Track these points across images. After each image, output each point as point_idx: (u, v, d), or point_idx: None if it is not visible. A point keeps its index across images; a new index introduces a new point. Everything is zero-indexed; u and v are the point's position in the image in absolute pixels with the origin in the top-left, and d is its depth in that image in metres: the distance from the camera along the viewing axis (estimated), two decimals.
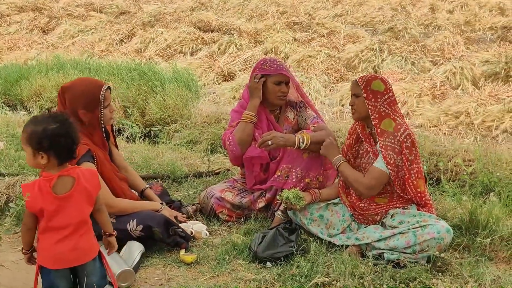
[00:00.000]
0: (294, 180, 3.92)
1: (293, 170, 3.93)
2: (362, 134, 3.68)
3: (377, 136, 3.54)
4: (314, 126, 4.06)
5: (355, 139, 3.78)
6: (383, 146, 3.50)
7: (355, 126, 3.78)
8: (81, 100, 3.51)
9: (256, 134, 4.07)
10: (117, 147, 4.05)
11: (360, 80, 3.60)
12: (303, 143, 3.85)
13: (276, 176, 4.00)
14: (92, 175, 2.75)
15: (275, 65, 4.06)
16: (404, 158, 3.47)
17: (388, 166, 3.48)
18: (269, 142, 3.81)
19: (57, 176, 2.60)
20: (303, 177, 3.92)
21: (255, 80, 4.04)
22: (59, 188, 2.62)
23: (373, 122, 3.55)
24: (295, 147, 3.86)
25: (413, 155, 3.49)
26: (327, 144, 3.75)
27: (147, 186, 4.08)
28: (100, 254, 2.84)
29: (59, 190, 2.62)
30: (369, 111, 3.54)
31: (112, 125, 3.92)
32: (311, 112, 4.21)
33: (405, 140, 3.47)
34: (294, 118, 4.23)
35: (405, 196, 3.58)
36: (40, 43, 12.82)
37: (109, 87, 3.63)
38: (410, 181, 3.51)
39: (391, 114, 3.53)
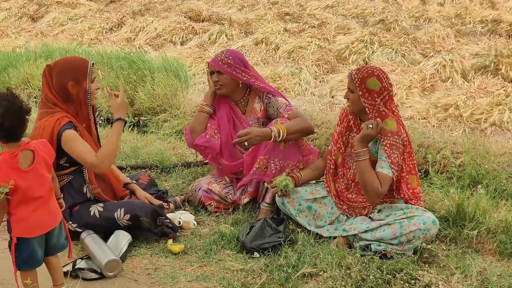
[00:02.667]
0: (273, 171, 3.91)
1: (271, 161, 3.91)
2: (354, 125, 3.63)
3: (379, 135, 3.47)
4: (288, 114, 4.03)
5: (346, 127, 3.72)
6: (388, 145, 3.45)
7: (346, 113, 3.71)
8: (69, 73, 3.56)
9: (209, 124, 4.21)
10: (99, 142, 4.00)
11: (355, 75, 3.49)
12: (279, 136, 3.82)
13: (255, 169, 3.97)
14: (45, 145, 2.82)
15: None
16: (404, 158, 3.47)
17: (392, 166, 3.45)
18: (245, 144, 3.78)
19: (19, 151, 2.64)
20: (282, 167, 3.90)
21: None
22: (23, 162, 2.66)
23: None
24: (271, 140, 3.83)
25: (407, 152, 3.49)
26: (366, 135, 3.43)
27: (133, 181, 4.06)
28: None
29: (24, 164, 2.66)
30: (366, 109, 3.48)
31: (96, 128, 3.90)
32: (282, 100, 4.17)
33: (404, 140, 3.47)
34: (261, 110, 4.21)
35: (398, 196, 3.57)
36: (29, 31, 12.71)
37: (93, 64, 3.67)
38: (404, 180, 3.50)
39: (390, 114, 3.49)
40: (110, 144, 3.52)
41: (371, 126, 3.41)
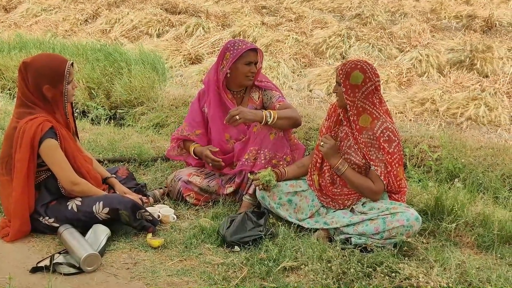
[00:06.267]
0: (262, 161, 3.91)
1: (261, 152, 3.91)
2: (344, 118, 3.63)
3: (356, 133, 3.53)
4: (279, 104, 4.06)
5: (335, 121, 3.73)
6: (363, 143, 3.50)
7: (335, 108, 3.73)
8: (45, 76, 3.46)
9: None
10: (77, 135, 3.96)
11: (341, 71, 3.51)
12: (270, 117, 3.83)
13: (244, 160, 3.97)
14: None
15: (248, 44, 4.07)
16: (384, 153, 3.48)
17: (372, 163, 3.49)
18: (237, 117, 3.77)
19: None
20: (270, 158, 3.92)
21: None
22: None
23: (351, 119, 3.52)
24: (263, 122, 3.84)
25: (392, 146, 3.48)
26: (332, 146, 3.60)
27: (112, 175, 4.02)
28: None
29: None
30: (348, 106, 3.51)
31: (74, 121, 3.85)
32: (275, 92, 4.20)
33: (382, 134, 3.46)
34: (258, 98, 4.21)
35: (387, 188, 3.59)
36: (2, 22, 12.47)
37: (72, 63, 3.58)
38: (392, 173, 3.51)
39: (368, 108, 3.50)
40: (93, 193, 3.60)
41: (322, 143, 3.60)
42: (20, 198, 3.44)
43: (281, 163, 3.94)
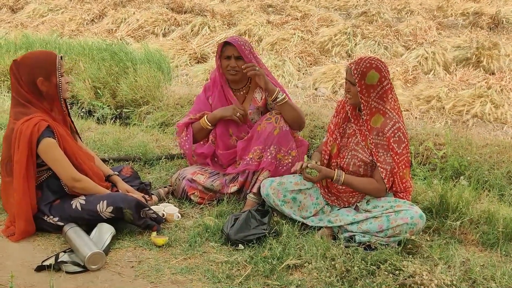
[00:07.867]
0: (269, 158, 3.91)
1: (267, 149, 3.91)
2: (351, 115, 3.63)
3: (367, 133, 3.51)
4: None
5: (343, 118, 3.71)
6: (373, 144, 3.49)
7: (343, 105, 3.72)
8: (38, 68, 3.48)
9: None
10: (79, 135, 3.97)
11: (355, 70, 3.44)
12: (281, 96, 3.91)
13: (248, 159, 3.97)
14: None
15: (225, 40, 4.10)
16: (392, 153, 3.47)
17: (379, 164, 3.49)
18: (257, 68, 3.86)
19: None
20: (276, 153, 3.92)
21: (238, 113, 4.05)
22: None
23: (365, 118, 3.51)
24: (272, 98, 3.91)
25: (402, 147, 3.47)
26: (319, 176, 3.58)
27: (115, 173, 4.03)
28: None
29: None
30: (361, 105, 3.49)
31: (71, 119, 3.86)
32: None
33: (392, 135, 3.45)
34: (261, 99, 4.20)
35: (390, 191, 3.59)
36: (9, 22, 12.54)
37: (61, 57, 3.59)
38: (398, 175, 3.51)
39: (382, 108, 3.48)
40: (95, 191, 3.60)
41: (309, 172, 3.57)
42: (23, 199, 3.45)
43: (286, 157, 3.94)
